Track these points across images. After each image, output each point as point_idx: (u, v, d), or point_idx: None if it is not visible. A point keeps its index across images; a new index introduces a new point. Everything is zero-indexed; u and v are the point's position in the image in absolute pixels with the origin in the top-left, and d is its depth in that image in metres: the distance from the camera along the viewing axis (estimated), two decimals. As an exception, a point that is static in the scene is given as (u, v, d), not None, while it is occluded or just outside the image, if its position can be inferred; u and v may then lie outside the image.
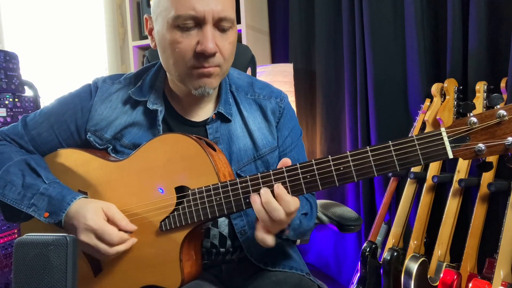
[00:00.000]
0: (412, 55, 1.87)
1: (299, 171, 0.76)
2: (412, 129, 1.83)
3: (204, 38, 0.81)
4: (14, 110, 1.69)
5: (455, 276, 1.55)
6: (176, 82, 0.93)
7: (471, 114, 0.71)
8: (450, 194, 1.64)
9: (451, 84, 1.69)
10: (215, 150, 0.85)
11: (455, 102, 1.69)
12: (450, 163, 1.74)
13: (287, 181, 0.76)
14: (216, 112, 0.95)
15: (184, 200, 0.82)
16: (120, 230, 0.83)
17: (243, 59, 1.28)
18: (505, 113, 0.68)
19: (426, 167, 1.77)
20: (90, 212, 0.81)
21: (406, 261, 1.68)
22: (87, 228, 0.80)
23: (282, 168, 0.77)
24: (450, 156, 0.71)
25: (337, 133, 2.27)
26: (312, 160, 0.76)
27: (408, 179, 1.80)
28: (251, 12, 2.28)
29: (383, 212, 1.90)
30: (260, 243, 0.80)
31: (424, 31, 1.84)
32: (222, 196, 0.80)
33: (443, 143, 0.71)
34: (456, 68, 1.72)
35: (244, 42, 2.19)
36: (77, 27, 2.44)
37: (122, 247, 0.83)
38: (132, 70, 1.90)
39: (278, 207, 0.75)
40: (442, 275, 1.58)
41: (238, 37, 1.47)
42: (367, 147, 0.74)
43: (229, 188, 0.79)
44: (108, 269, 0.88)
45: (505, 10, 1.59)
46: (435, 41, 1.86)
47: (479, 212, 1.56)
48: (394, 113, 1.98)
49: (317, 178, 0.75)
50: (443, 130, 0.71)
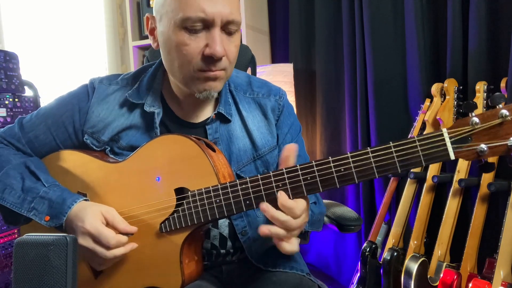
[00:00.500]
0: (412, 55, 1.87)
1: (299, 173, 0.75)
2: (412, 129, 1.82)
3: (213, 42, 0.80)
4: (14, 110, 1.68)
5: (455, 276, 1.54)
6: (179, 84, 0.91)
7: (473, 114, 0.70)
8: (450, 194, 1.64)
9: (451, 84, 1.69)
10: (214, 151, 0.85)
11: (455, 102, 1.69)
12: (450, 163, 1.74)
13: (287, 182, 0.76)
14: (216, 112, 0.94)
15: (184, 202, 0.82)
16: (120, 232, 0.82)
17: (243, 59, 1.27)
18: (507, 113, 0.67)
19: (426, 167, 1.76)
20: (88, 216, 0.80)
21: (406, 261, 1.68)
22: (84, 232, 0.80)
23: (282, 170, 0.76)
24: (452, 157, 0.70)
25: (337, 133, 2.27)
26: (313, 161, 0.75)
27: (408, 179, 1.80)
28: (251, 12, 2.28)
29: (383, 212, 1.90)
30: (289, 254, 0.79)
31: (424, 31, 1.84)
32: (222, 198, 0.79)
33: (445, 144, 0.70)
34: (456, 68, 1.72)
35: (244, 42, 2.19)
36: (77, 27, 2.44)
37: (120, 251, 0.81)
38: (132, 70, 1.90)
39: (286, 218, 0.74)
40: (442, 275, 1.58)
41: (238, 37, 1.46)
42: (368, 148, 0.73)
43: (229, 190, 0.79)
44: (108, 271, 0.87)
45: (505, 10, 1.59)
46: (435, 41, 1.86)
47: (479, 212, 1.56)
48: (394, 113, 1.97)
49: (317, 179, 0.75)
50: (444, 130, 0.70)
